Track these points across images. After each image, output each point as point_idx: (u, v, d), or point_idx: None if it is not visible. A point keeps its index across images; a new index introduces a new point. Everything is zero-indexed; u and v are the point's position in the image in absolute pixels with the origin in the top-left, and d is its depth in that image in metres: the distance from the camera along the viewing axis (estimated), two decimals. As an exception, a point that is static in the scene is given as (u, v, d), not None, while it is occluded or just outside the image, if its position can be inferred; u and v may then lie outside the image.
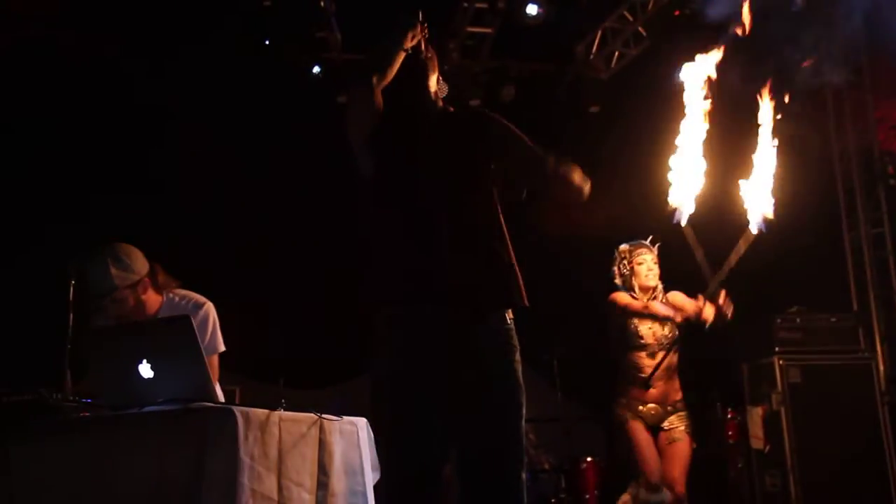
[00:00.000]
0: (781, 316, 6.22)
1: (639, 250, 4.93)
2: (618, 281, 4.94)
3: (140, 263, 3.32)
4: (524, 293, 2.58)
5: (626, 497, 4.97)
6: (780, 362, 6.04)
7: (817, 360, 6.10)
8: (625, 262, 4.96)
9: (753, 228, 4.02)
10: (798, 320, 6.23)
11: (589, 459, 6.64)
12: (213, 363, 3.33)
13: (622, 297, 4.84)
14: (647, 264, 4.89)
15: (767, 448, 6.01)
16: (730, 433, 6.41)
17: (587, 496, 6.53)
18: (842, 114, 7.19)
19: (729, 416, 6.42)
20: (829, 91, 7.13)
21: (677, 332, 4.74)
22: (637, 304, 4.80)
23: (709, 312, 4.18)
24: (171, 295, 3.42)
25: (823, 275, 6.95)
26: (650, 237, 4.98)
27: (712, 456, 6.59)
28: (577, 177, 2.67)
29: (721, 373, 6.61)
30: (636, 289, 4.86)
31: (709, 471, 6.64)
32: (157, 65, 6.43)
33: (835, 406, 5.90)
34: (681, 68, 3.94)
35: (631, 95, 7.07)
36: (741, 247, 3.94)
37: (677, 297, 4.78)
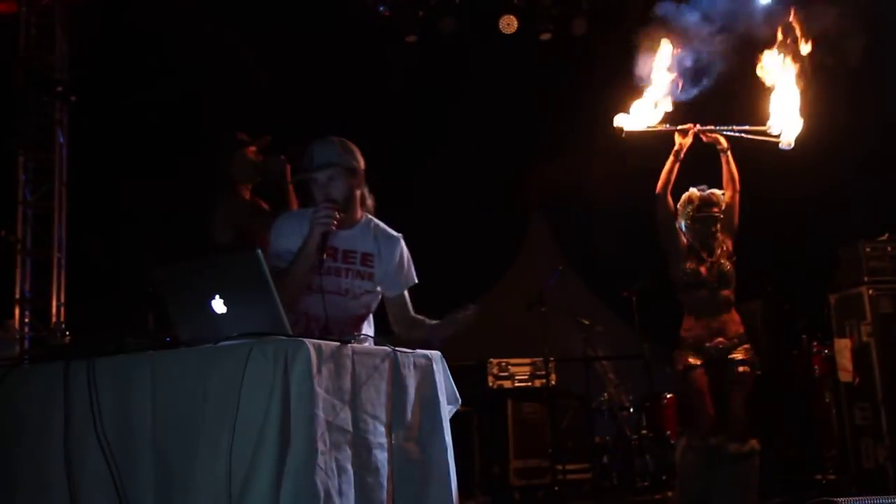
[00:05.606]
0: (871, 244, 5.97)
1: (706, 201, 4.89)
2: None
3: (361, 158, 3.30)
4: None
5: (683, 441, 4.95)
6: (870, 292, 5.82)
7: (909, 289, 5.87)
8: (689, 208, 4.95)
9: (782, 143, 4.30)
10: (889, 248, 5.96)
11: (669, 396, 6.58)
12: (407, 297, 3.35)
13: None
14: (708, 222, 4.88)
15: (856, 381, 5.83)
16: (816, 367, 6.25)
17: (668, 432, 6.48)
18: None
19: (815, 349, 6.26)
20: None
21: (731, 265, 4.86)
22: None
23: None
24: (368, 217, 3.37)
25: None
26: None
27: (799, 390, 6.45)
28: None
29: (807, 304, 6.42)
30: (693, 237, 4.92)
31: (795, 405, 6.51)
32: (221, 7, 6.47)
33: (927, 337, 5.68)
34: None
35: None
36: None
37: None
